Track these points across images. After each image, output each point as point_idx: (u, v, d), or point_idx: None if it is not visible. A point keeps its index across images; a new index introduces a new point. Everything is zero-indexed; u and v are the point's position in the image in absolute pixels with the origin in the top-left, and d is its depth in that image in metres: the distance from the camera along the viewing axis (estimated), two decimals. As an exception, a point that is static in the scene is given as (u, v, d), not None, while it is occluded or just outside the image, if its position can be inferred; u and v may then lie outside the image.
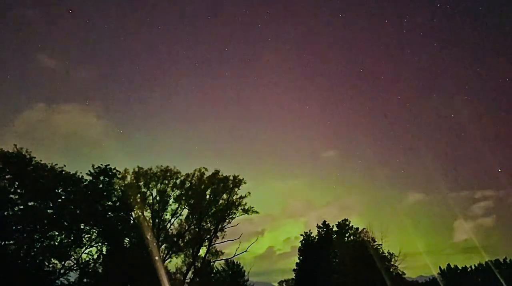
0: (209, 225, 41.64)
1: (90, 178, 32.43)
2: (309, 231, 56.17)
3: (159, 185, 40.17)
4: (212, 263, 44.43)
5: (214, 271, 48.40)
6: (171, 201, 40.39)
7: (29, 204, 27.97)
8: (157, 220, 39.48)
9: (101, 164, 33.28)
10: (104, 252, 32.28)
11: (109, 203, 33.58)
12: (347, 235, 54.37)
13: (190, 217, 40.97)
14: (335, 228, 55.25)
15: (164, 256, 38.90)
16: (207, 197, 41.57)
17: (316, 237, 55.16)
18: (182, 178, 41.18)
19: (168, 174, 40.64)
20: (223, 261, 48.68)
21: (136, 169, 40.11)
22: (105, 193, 32.91)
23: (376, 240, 49.96)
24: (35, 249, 28.27)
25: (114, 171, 33.70)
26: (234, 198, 42.02)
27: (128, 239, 35.46)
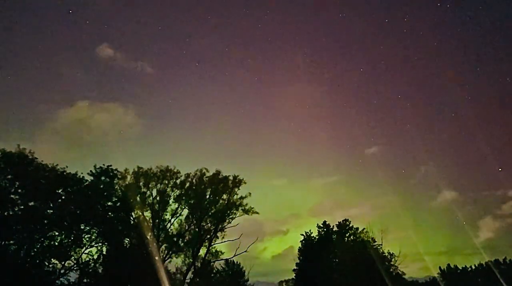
0: (209, 225, 41.67)
1: (91, 178, 32.55)
2: (310, 231, 56.23)
3: (159, 185, 40.21)
4: (212, 263, 44.50)
5: (214, 271, 48.44)
6: (171, 201, 40.44)
7: (30, 204, 28.05)
8: (157, 220, 39.51)
9: (103, 164, 33.48)
10: (104, 252, 32.39)
11: (109, 203, 33.68)
12: (347, 235, 54.39)
13: (190, 217, 41.00)
14: (335, 228, 55.31)
15: (164, 256, 38.93)
16: (207, 197, 41.60)
17: (316, 237, 55.18)
18: (182, 178, 41.28)
19: (168, 174, 40.69)
20: (223, 261, 48.81)
21: (136, 169, 40.19)
22: (105, 193, 33.01)
23: (376, 240, 49.97)
24: (35, 249, 28.34)
25: (115, 172, 33.81)
26: (234, 198, 42.10)
27: (128, 239, 35.54)
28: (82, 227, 30.85)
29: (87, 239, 31.27)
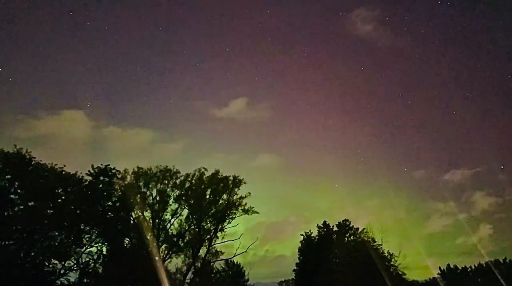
0: (209, 225, 41.67)
1: (90, 178, 32.49)
2: (310, 231, 56.26)
3: (159, 185, 40.16)
4: (212, 263, 44.51)
5: (214, 271, 48.45)
6: (171, 201, 40.38)
7: (29, 204, 28.00)
8: (157, 220, 39.48)
9: (101, 164, 33.42)
10: (104, 252, 32.34)
11: (109, 203, 33.64)
12: (347, 235, 54.47)
13: (190, 217, 40.97)
14: (335, 228, 55.39)
15: (164, 256, 38.91)
16: (207, 197, 41.57)
17: (317, 237, 55.22)
18: (182, 178, 41.23)
19: (168, 174, 40.66)
20: (223, 261, 48.84)
21: (136, 169, 40.14)
22: (105, 193, 32.98)
23: (376, 240, 50.00)
24: (35, 249, 28.29)
25: (114, 171, 33.76)
26: (234, 198, 42.08)
27: (128, 239, 35.52)
28: (82, 227, 30.78)
29: (87, 239, 31.22)
